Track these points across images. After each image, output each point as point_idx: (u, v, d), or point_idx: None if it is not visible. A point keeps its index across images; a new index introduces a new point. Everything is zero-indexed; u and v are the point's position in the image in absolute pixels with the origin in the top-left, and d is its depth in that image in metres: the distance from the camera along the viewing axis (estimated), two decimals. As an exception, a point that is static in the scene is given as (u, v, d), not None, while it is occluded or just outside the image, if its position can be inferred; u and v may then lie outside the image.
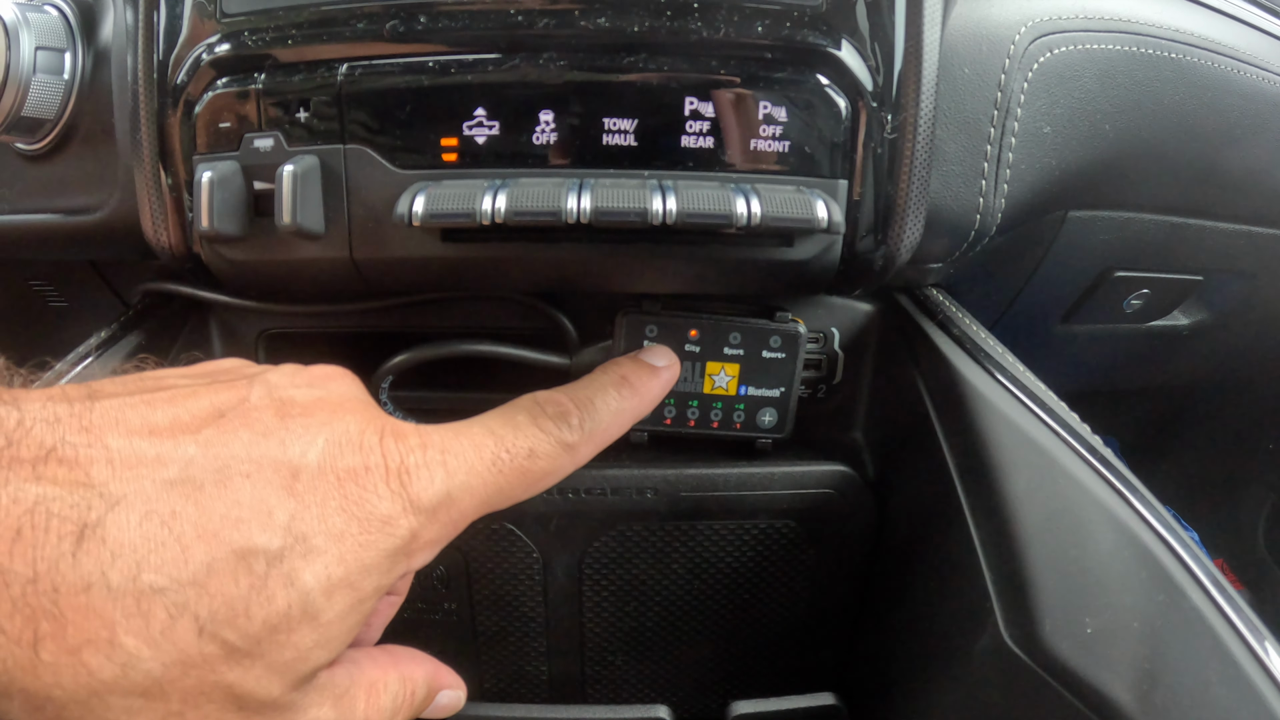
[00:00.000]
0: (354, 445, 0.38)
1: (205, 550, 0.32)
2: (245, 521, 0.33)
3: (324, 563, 0.35)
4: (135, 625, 0.31)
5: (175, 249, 0.54)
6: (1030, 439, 0.48)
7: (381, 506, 0.37)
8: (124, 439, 0.33)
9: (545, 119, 0.48)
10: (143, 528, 0.31)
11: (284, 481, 0.35)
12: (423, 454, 0.39)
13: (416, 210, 0.45)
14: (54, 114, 0.57)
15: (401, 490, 0.38)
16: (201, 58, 0.50)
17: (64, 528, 0.30)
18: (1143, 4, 0.63)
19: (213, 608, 0.32)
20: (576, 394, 0.47)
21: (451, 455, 0.40)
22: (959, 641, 0.49)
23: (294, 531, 0.34)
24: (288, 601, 0.34)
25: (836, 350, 0.61)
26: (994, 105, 0.55)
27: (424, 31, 0.48)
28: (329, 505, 0.36)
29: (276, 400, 0.38)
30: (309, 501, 0.35)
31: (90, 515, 0.31)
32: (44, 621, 0.29)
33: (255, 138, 0.50)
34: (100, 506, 0.31)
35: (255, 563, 0.33)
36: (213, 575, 0.32)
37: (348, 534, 0.36)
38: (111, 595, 0.30)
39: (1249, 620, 0.39)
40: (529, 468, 0.43)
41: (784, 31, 0.48)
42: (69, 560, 0.30)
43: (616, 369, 0.50)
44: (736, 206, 0.45)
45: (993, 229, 0.57)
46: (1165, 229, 0.71)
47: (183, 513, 0.32)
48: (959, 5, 0.54)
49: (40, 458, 0.31)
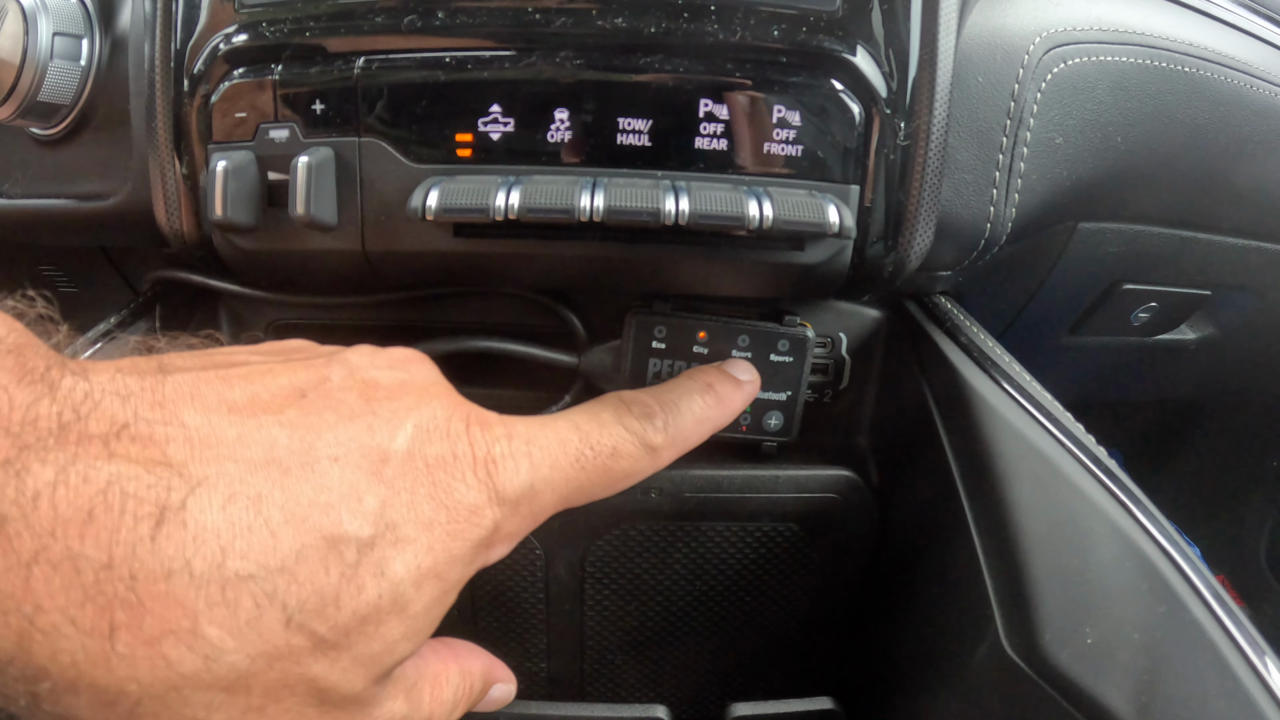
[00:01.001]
0: (441, 432, 0.37)
1: (294, 536, 0.31)
2: (335, 507, 0.32)
3: (414, 552, 0.34)
4: (220, 615, 0.29)
5: (188, 237, 0.54)
6: (1035, 448, 0.48)
7: (469, 496, 0.36)
8: (202, 416, 0.31)
9: (560, 117, 0.48)
10: (227, 511, 0.30)
11: (373, 466, 0.34)
12: (508, 444, 0.38)
13: (430, 204, 0.45)
14: (70, 100, 0.57)
15: (488, 480, 0.37)
16: (219, 47, 0.51)
17: (141, 509, 0.28)
18: (1157, 17, 0.63)
19: (301, 597, 0.30)
20: (662, 396, 0.46)
21: (536, 447, 0.39)
22: (959, 649, 0.49)
23: (385, 519, 0.33)
24: (378, 592, 0.33)
25: (844, 355, 0.61)
26: (1007, 115, 0.55)
27: (441, 27, 0.49)
28: (419, 492, 0.35)
29: (360, 381, 0.37)
30: (399, 488, 0.34)
31: (170, 497, 0.29)
32: (119, 611, 0.27)
33: (270, 128, 0.50)
34: (181, 487, 0.29)
35: (346, 550, 0.32)
36: (302, 563, 0.31)
37: (436, 523, 0.35)
38: (194, 583, 0.28)
39: (1250, 635, 0.39)
40: (611, 466, 0.42)
41: (799, 36, 0.49)
42: (147, 545, 0.28)
43: (703, 376, 0.49)
44: (749, 208, 0.45)
45: (1003, 238, 0.57)
46: (1175, 242, 0.71)
47: (269, 496, 0.31)
48: (974, 14, 0.54)
49: (112, 433, 0.29)
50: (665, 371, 0.57)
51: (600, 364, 0.59)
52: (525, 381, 0.63)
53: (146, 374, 0.32)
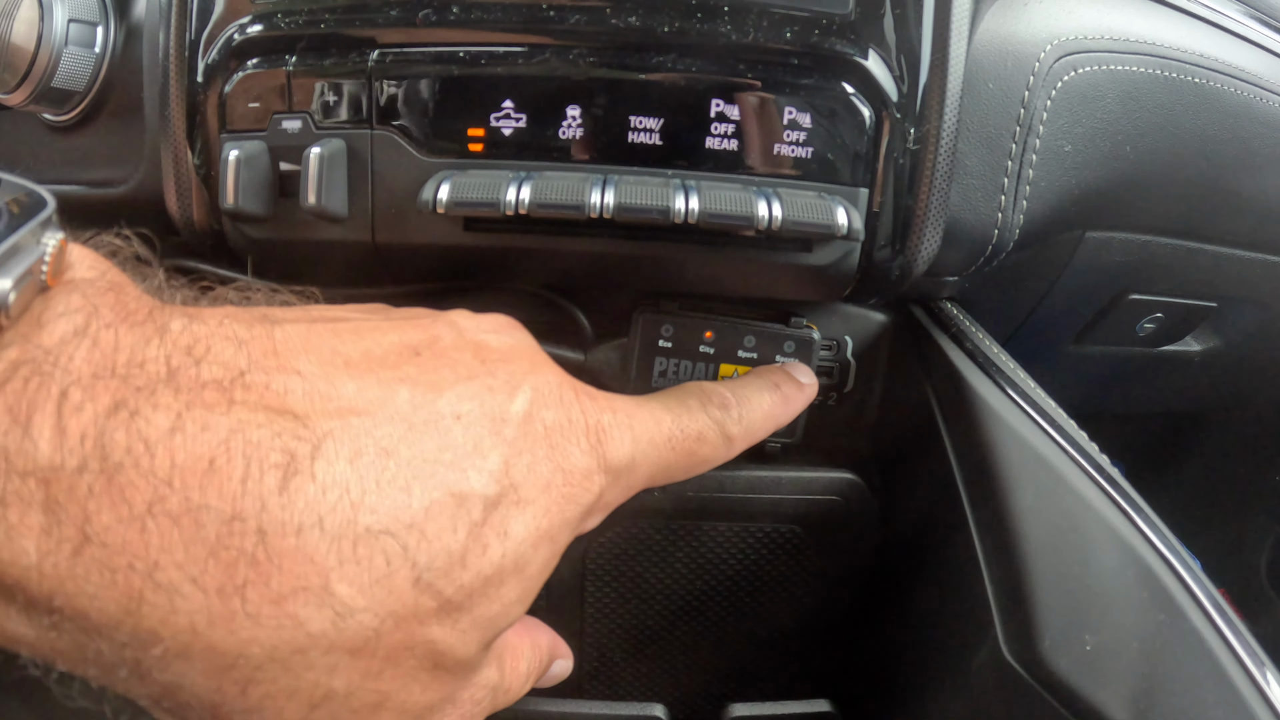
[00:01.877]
0: (555, 398, 0.37)
1: (424, 492, 0.30)
2: (460, 463, 0.31)
3: (533, 513, 0.34)
4: (350, 572, 0.28)
5: (198, 225, 0.54)
6: (1039, 455, 0.48)
7: (582, 461, 0.36)
8: (319, 367, 0.31)
9: (572, 114, 0.49)
10: (356, 465, 0.29)
11: (494, 426, 0.33)
12: (613, 416, 0.39)
13: (441, 197, 0.46)
14: (83, 86, 0.57)
15: (599, 446, 0.37)
16: (233, 38, 0.51)
17: (268, 460, 0.27)
18: (1168, 27, 0.63)
19: (431, 555, 0.30)
20: (737, 391, 0.47)
21: (637, 422, 0.40)
22: (958, 653, 0.49)
23: (508, 478, 0.33)
24: (501, 552, 0.32)
25: (849, 358, 0.61)
26: (1016, 121, 0.55)
27: (456, 21, 0.49)
28: (538, 454, 0.34)
29: (471, 343, 0.37)
30: (520, 448, 0.34)
31: (298, 448, 0.28)
32: (244, 568, 0.26)
33: (283, 119, 0.50)
34: (308, 439, 0.28)
35: (473, 508, 0.31)
36: (431, 519, 0.30)
37: (553, 485, 0.35)
38: (326, 537, 0.27)
39: (1249, 646, 0.39)
40: (695, 450, 0.43)
41: (812, 39, 0.49)
42: (276, 498, 0.27)
43: (770, 375, 0.50)
44: (758, 209, 0.45)
45: (1010, 245, 0.57)
46: (1182, 254, 0.71)
47: (395, 452, 0.30)
48: (986, 20, 0.55)
49: (227, 380, 0.28)
50: (671, 370, 0.57)
51: (606, 361, 0.59)
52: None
53: (254, 323, 0.31)
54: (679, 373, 0.57)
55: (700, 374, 0.57)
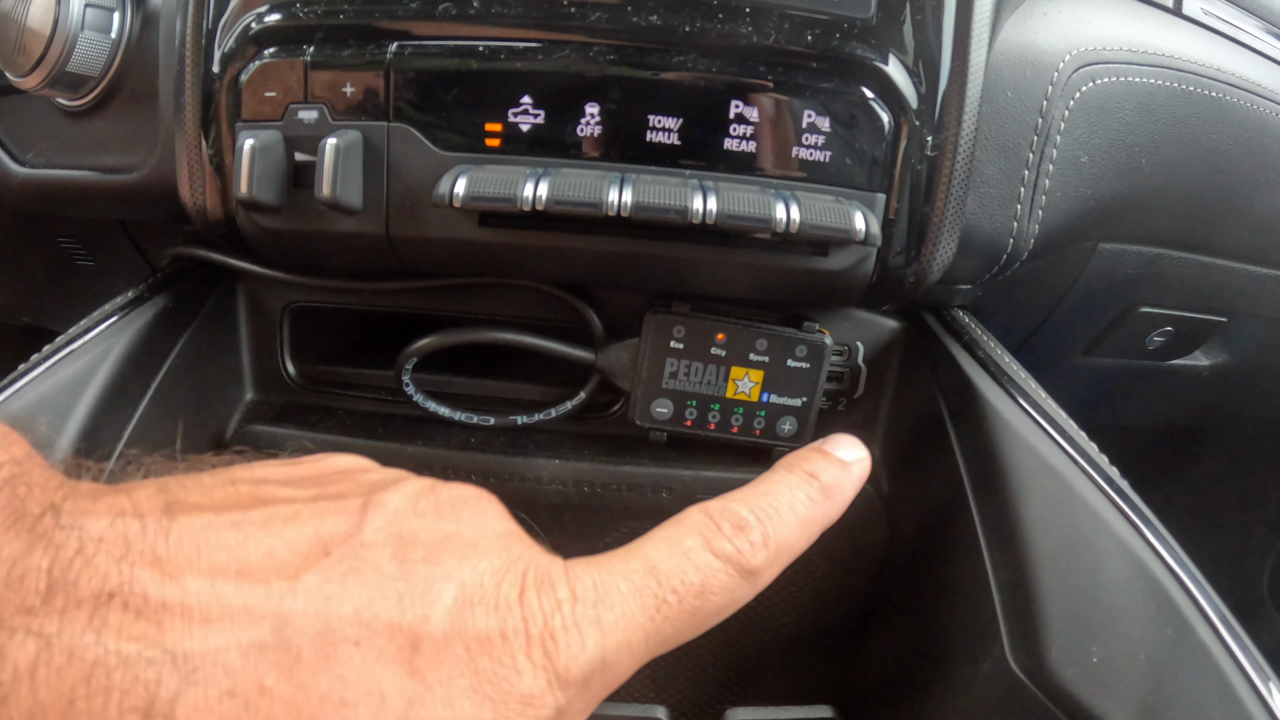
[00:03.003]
0: (489, 603, 0.30)
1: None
2: (351, 706, 0.27)
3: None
4: None
5: (211, 214, 0.54)
6: (1048, 464, 0.48)
7: (522, 684, 0.30)
8: (206, 581, 0.27)
9: (591, 111, 0.48)
10: (222, 708, 0.25)
11: (401, 653, 0.28)
12: (571, 610, 0.31)
13: (458, 192, 0.46)
14: (98, 72, 0.57)
15: (546, 662, 0.30)
16: (250, 26, 0.51)
17: (126, 702, 0.24)
18: (1186, 41, 0.63)
19: None
20: (756, 503, 0.38)
21: (605, 608, 0.32)
22: (963, 662, 0.49)
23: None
24: None
25: (860, 364, 0.61)
26: (1034, 131, 0.55)
27: (476, 15, 0.49)
28: (456, 685, 0.29)
29: (396, 536, 0.31)
30: (431, 681, 0.28)
31: (159, 690, 0.25)
32: None
33: (300, 109, 0.50)
34: (173, 678, 0.25)
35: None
36: None
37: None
38: None
39: (1255, 660, 0.39)
40: (700, 607, 0.35)
41: (833, 42, 0.49)
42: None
43: (803, 464, 0.41)
44: (776, 211, 0.45)
45: (1024, 254, 0.57)
46: (1194, 268, 0.71)
47: (275, 690, 0.26)
48: (1005, 29, 0.54)
49: (102, 598, 0.25)
50: (682, 372, 0.57)
51: (617, 361, 0.58)
52: (540, 376, 0.63)
53: (150, 515, 0.28)
54: (690, 374, 0.57)
55: (711, 376, 0.57)
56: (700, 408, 0.58)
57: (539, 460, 0.59)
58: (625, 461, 0.59)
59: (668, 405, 0.58)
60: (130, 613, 0.25)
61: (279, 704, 0.26)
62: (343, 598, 0.28)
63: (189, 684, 0.25)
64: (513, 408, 0.62)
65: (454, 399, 0.62)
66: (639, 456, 0.60)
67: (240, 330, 0.63)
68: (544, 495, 0.59)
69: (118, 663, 0.24)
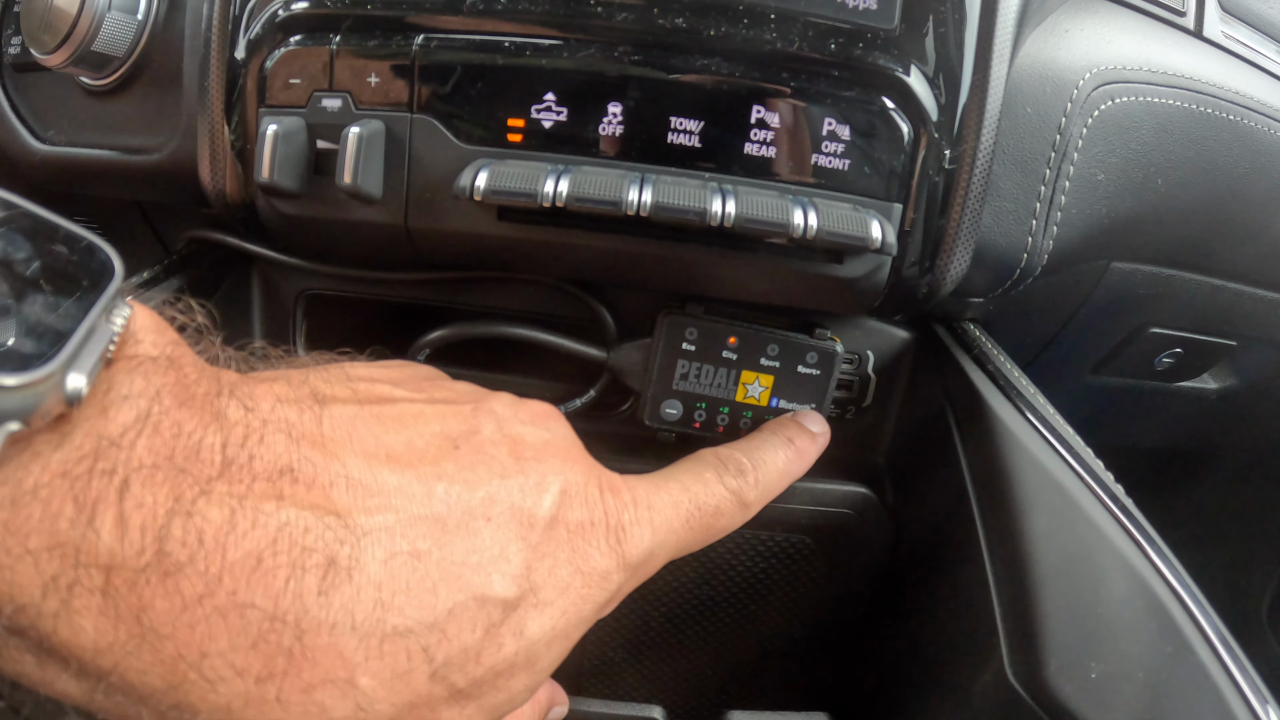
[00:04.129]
0: (581, 498, 0.38)
1: (449, 594, 0.32)
2: (485, 567, 0.33)
3: (550, 615, 0.35)
4: (375, 667, 0.30)
5: (230, 198, 0.55)
6: (1054, 480, 0.48)
7: (602, 562, 0.38)
8: (363, 461, 0.32)
9: (613, 110, 0.49)
10: (389, 566, 0.31)
11: (521, 529, 0.35)
12: (634, 510, 0.40)
13: (479, 185, 0.46)
14: (123, 52, 0.57)
15: (618, 546, 0.39)
16: (278, 13, 0.51)
17: (310, 560, 0.29)
18: (1205, 63, 0.63)
19: (449, 652, 0.32)
20: (752, 453, 0.49)
21: (656, 512, 0.41)
22: (962, 673, 0.49)
23: (529, 581, 0.35)
24: (515, 649, 0.34)
25: (870, 373, 0.62)
26: (1052, 147, 0.55)
27: (503, 11, 0.49)
28: (560, 557, 0.36)
29: (509, 437, 0.38)
30: (543, 552, 0.36)
31: (339, 550, 0.29)
32: (280, 658, 0.28)
33: (324, 97, 0.50)
34: (348, 539, 0.30)
35: (493, 610, 0.33)
36: (453, 619, 0.32)
37: (572, 587, 0.36)
38: (356, 635, 0.29)
39: (1253, 682, 0.39)
40: (713, 524, 0.45)
41: (856, 51, 0.49)
42: (314, 597, 0.29)
43: (784, 430, 0.52)
44: (794, 217, 0.45)
45: (1038, 269, 0.57)
46: (1206, 290, 0.71)
47: (427, 553, 0.32)
48: (1027, 45, 0.55)
49: (277, 473, 0.29)
50: (694, 374, 0.57)
51: (629, 361, 0.59)
52: (551, 372, 0.63)
53: (304, 405, 0.33)
54: (701, 376, 0.57)
55: (721, 379, 0.57)
56: (709, 410, 0.58)
57: None
58: (633, 461, 0.59)
59: (677, 406, 0.58)
60: (304, 485, 0.30)
61: (431, 564, 0.32)
62: (476, 483, 0.35)
63: (360, 547, 0.30)
64: None
65: None
66: (646, 456, 0.60)
67: (254, 315, 0.63)
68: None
69: (299, 527, 0.29)
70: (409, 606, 0.31)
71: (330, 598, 0.29)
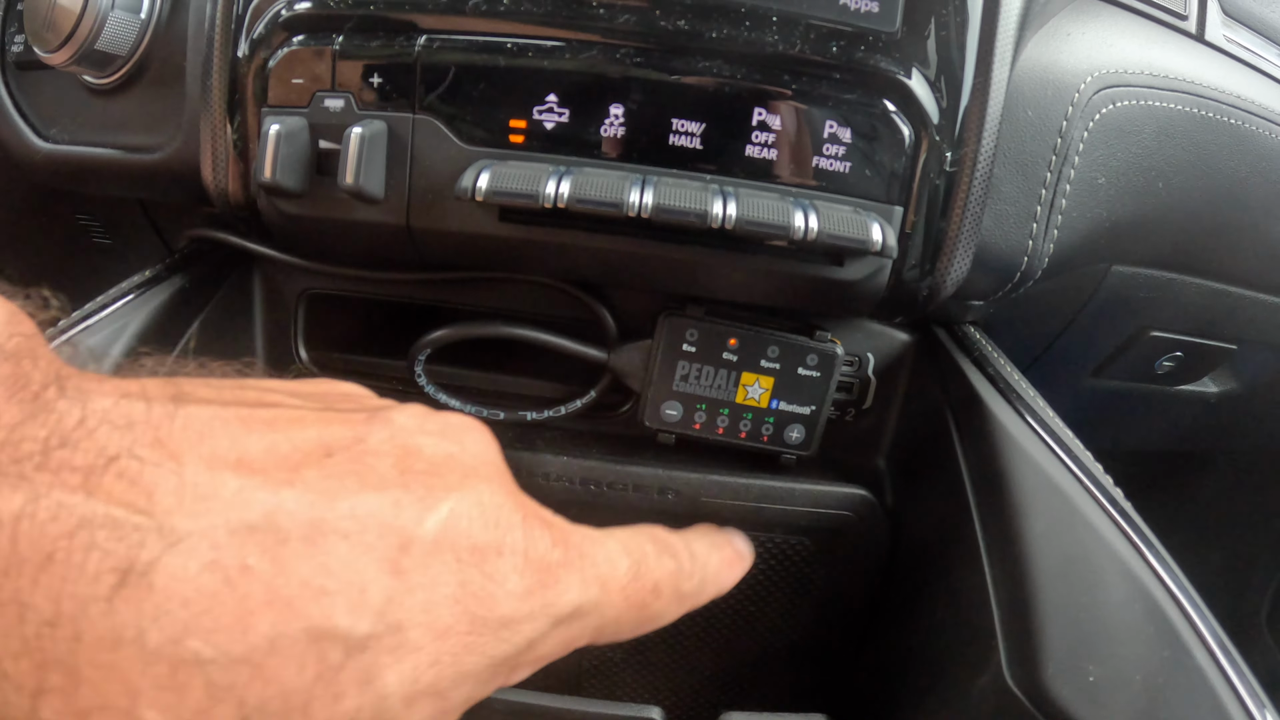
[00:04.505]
0: (490, 519, 0.31)
1: (272, 622, 0.26)
2: (330, 594, 0.27)
3: (415, 663, 0.28)
4: (164, 700, 0.24)
5: (232, 197, 0.55)
6: (1053, 483, 0.48)
7: (507, 604, 0.30)
8: (203, 463, 0.27)
9: (615, 112, 0.49)
10: (202, 580, 0.25)
11: (389, 551, 0.28)
12: (565, 552, 0.33)
13: (480, 186, 0.46)
14: (126, 51, 0.57)
15: (540, 588, 0.31)
16: (281, 13, 0.51)
17: (105, 563, 0.24)
18: (1207, 67, 0.63)
19: (264, 696, 0.25)
20: (690, 545, 0.42)
21: (589, 562, 0.34)
22: (960, 676, 0.49)
23: (390, 617, 0.28)
24: (358, 704, 0.27)
25: (870, 375, 0.62)
26: (1053, 150, 0.55)
27: (505, 12, 0.49)
28: (438, 591, 0.29)
29: (399, 447, 0.32)
30: (414, 583, 0.28)
31: (141, 553, 0.24)
32: (53, 673, 0.24)
33: (326, 97, 0.50)
34: (156, 544, 0.25)
35: (330, 649, 0.26)
36: (274, 655, 0.26)
37: (454, 632, 0.29)
38: (144, 658, 0.24)
39: (1251, 687, 0.39)
40: (648, 604, 0.38)
41: (857, 54, 0.49)
42: (102, 605, 0.24)
43: (716, 535, 0.47)
44: (795, 219, 0.45)
45: (1038, 273, 0.57)
46: (1206, 294, 0.71)
47: (256, 569, 0.26)
48: (1028, 49, 0.55)
49: (97, 467, 0.25)
50: (693, 375, 0.57)
51: (629, 362, 0.59)
52: (551, 373, 0.63)
53: (156, 401, 0.28)
54: (701, 378, 0.57)
55: (722, 381, 0.58)
56: (709, 411, 0.58)
57: (547, 456, 0.59)
58: (632, 462, 0.59)
59: (677, 408, 0.58)
60: (124, 481, 0.25)
61: (258, 583, 0.26)
62: (339, 493, 0.28)
63: (171, 552, 0.25)
64: (523, 403, 0.62)
65: (465, 392, 0.62)
66: (645, 457, 0.60)
67: (255, 314, 0.63)
68: (550, 492, 0.59)
69: (103, 524, 0.24)
70: (217, 631, 0.25)
71: (119, 608, 0.24)
